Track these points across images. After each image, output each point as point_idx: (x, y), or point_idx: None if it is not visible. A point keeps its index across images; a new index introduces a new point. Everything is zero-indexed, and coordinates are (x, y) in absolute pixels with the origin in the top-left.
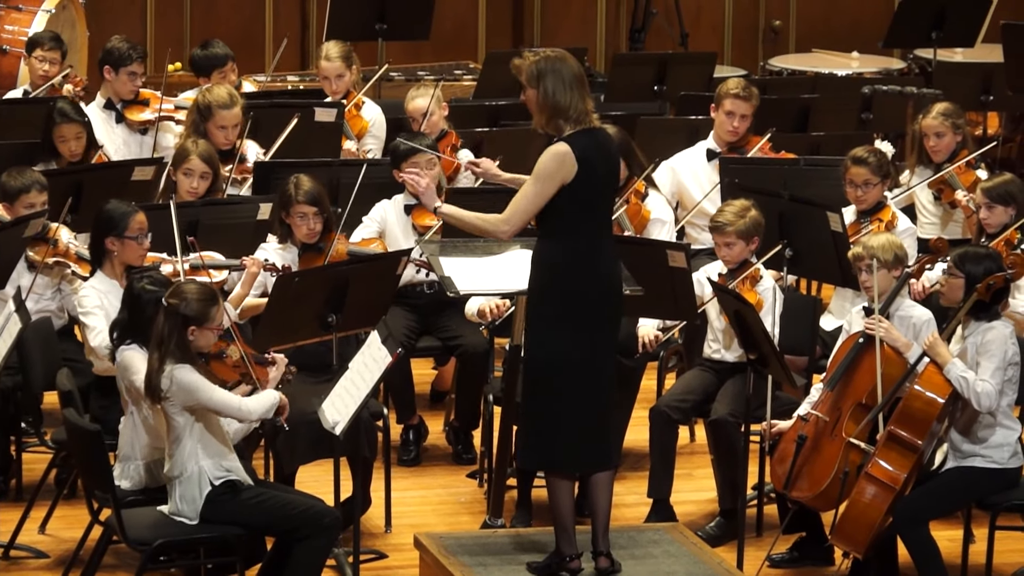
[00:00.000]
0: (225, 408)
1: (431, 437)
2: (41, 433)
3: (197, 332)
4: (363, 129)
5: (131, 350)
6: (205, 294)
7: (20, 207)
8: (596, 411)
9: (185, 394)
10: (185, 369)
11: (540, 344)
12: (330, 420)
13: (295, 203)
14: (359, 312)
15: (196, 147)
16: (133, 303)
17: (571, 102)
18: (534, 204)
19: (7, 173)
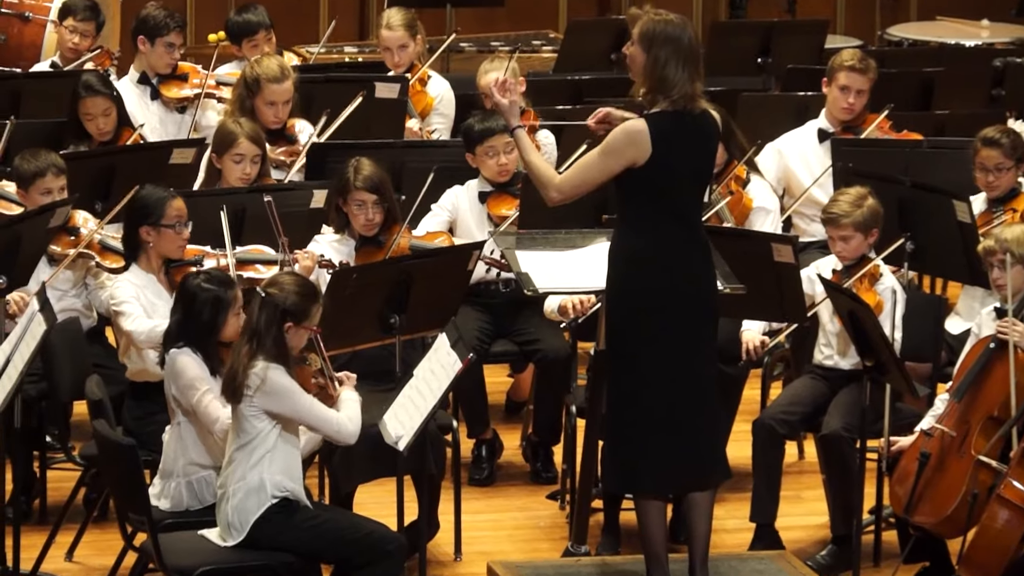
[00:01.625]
0: (321, 424)
1: (506, 453)
2: (68, 448)
3: (292, 330)
4: (428, 106)
5: (183, 354)
6: (306, 289)
7: (35, 193)
8: (691, 424)
9: (276, 399)
10: (280, 370)
11: (623, 349)
12: (393, 434)
13: (353, 189)
14: (425, 313)
15: (243, 128)
16: (187, 303)
17: (678, 80)
18: (593, 177)
19: (20, 155)
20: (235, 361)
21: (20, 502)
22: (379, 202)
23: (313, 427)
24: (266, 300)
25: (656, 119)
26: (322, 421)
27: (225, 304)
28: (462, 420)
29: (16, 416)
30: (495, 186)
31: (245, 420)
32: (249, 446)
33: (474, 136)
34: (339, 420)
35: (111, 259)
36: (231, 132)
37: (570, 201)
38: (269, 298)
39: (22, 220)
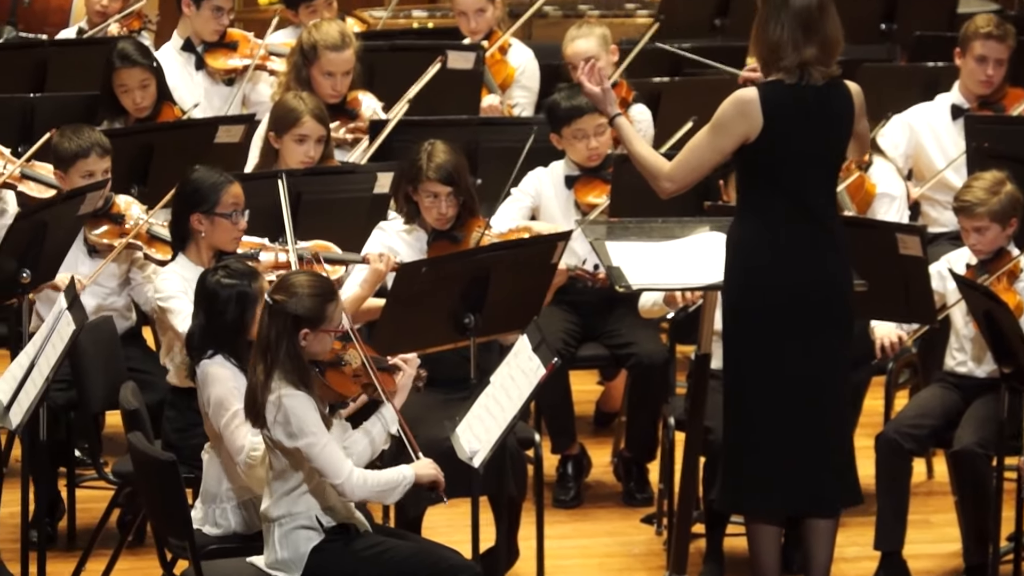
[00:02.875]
0: (329, 470)
1: (595, 471)
2: (100, 464)
3: (311, 336)
4: (509, 78)
5: (214, 364)
6: (319, 288)
7: (76, 175)
8: (814, 440)
9: (290, 433)
10: (299, 399)
11: (737, 354)
12: (467, 449)
13: (425, 179)
14: (504, 312)
15: (307, 105)
16: (208, 303)
17: (783, 46)
18: (706, 158)
19: (60, 133)
20: (252, 379)
21: (45, 524)
22: (454, 194)
23: (320, 470)
24: (274, 309)
25: (768, 89)
26: (330, 468)
27: (251, 299)
28: (545, 433)
29: (41, 428)
30: (583, 170)
31: (274, 448)
32: (285, 476)
33: (560, 115)
34: (351, 474)
35: (160, 249)
36: (294, 109)
37: (685, 190)
38: (277, 306)
39: (48, 206)
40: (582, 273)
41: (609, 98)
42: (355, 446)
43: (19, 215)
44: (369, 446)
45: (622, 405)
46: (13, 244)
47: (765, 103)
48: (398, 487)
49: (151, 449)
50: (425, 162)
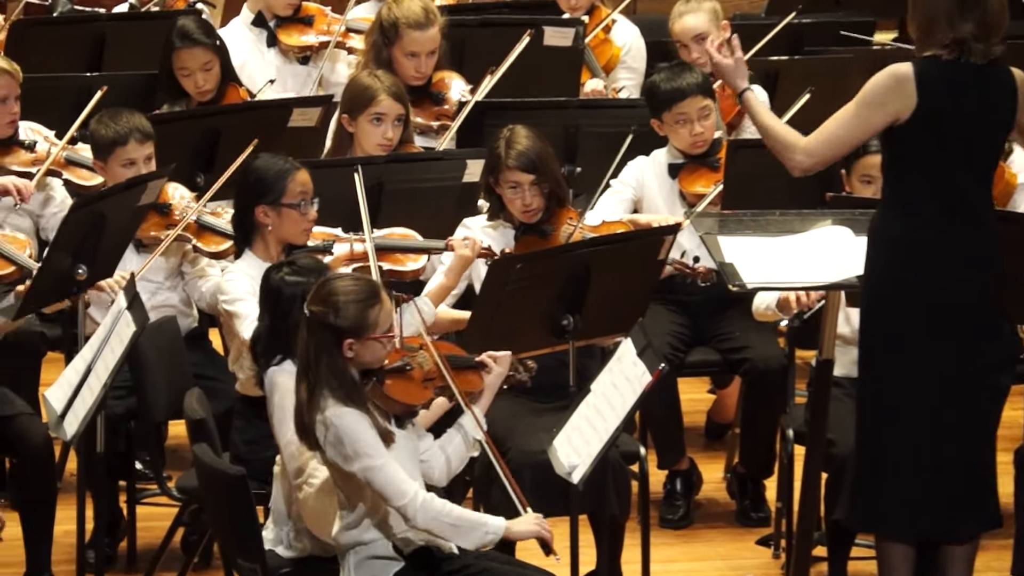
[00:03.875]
0: (390, 493)
1: (706, 488)
2: (163, 478)
3: (358, 346)
4: (614, 58)
5: (282, 372)
6: (360, 292)
7: (115, 164)
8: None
9: (344, 454)
10: (349, 417)
11: (876, 360)
12: (565, 464)
13: (505, 168)
14: (605, 313)
15: (382, 83)
16: (273, 303)
17: (938, 19)
18: (850, 134)
19: (97, 119)
20: (298, 399)
21: (104, 544)
22: (538, 183)
23: (380, 492)
24: (311, 321)
25: (924, 65)
26: (391, 489)
27: None
28: (651, 447)
29: (99, 439)
30: (688, 158)
31: (333, 472)
32: (351, 499)
33: (660, 98)
34: (416, 496)
35: (211, 241)
36: (368, 87)
37: (822, 167)
38: (315, 318)
39: (105, 197)
40: (681, 267)
41: (740, 71)
42: (434, 460)
43: (74, 205)
44: (447, 461)
45: (736, 415)
46: (68, 238)
47: (920, 79)
48: (476, 532)
49: (218, 462)
50: (504, 149)
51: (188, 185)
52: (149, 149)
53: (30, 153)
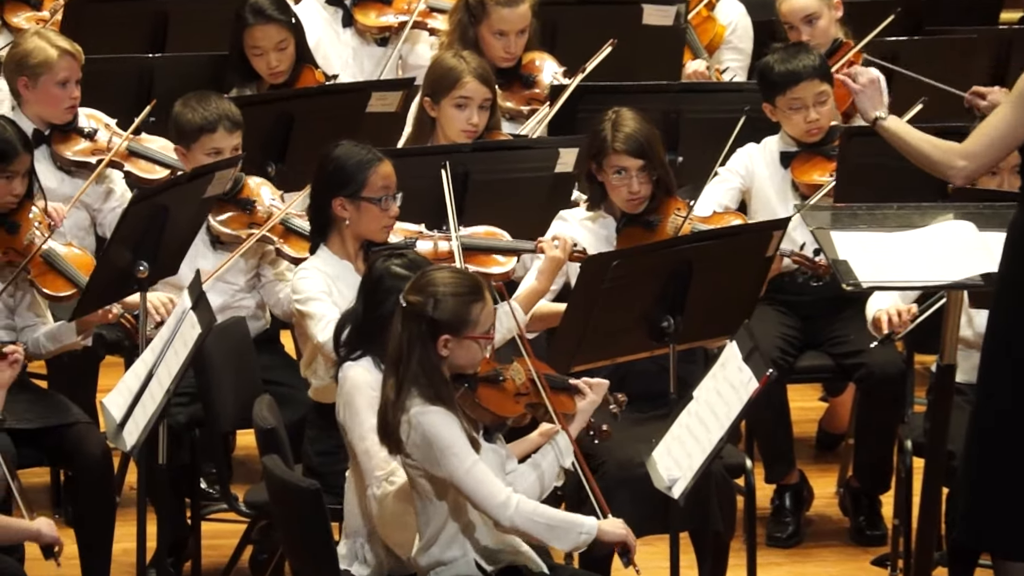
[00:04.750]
0: (481, 495)
1: (817, 504)
2: (230, 493)
3: (454, 344)
4: (717, 37)
5: (358, 367)
6: (463, 286)
7: (200, 153)
8: None
9: (430, 455)
10: (436, 415)
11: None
12: (665, 477)
13: (611, 152)
14: (709, 314)
15: (468, 64)
16: (371, 291)
17: None
18: (1011, 136)
19: (182, 102)
20: (384, 398)
21: (167, 563)
22: (645, 169)
23: (469, 497)
24: (408, 311)
25: None
26: (482, 492)
27: None
28: (758, 459)
29: (161, 450)
30: (802, 146)
31: (415, 479)
32: (429, 513)
33: (774, 82)
34: (509, 499)
35: (297, 245)
36: (452, 69)
37: (985, 172)
38: (412, 308)
39: (168, 188)
40: (800, 259)
41: (873, 99)
42: (520, 481)
43: (135, 198)
44: (538, 482)
45: (849, 425)
46: (128, 232)
47: None
48: (571, 533)
49: (290, 475)
50: (610, 132)
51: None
52: (237, 139)
53: (89, 142)
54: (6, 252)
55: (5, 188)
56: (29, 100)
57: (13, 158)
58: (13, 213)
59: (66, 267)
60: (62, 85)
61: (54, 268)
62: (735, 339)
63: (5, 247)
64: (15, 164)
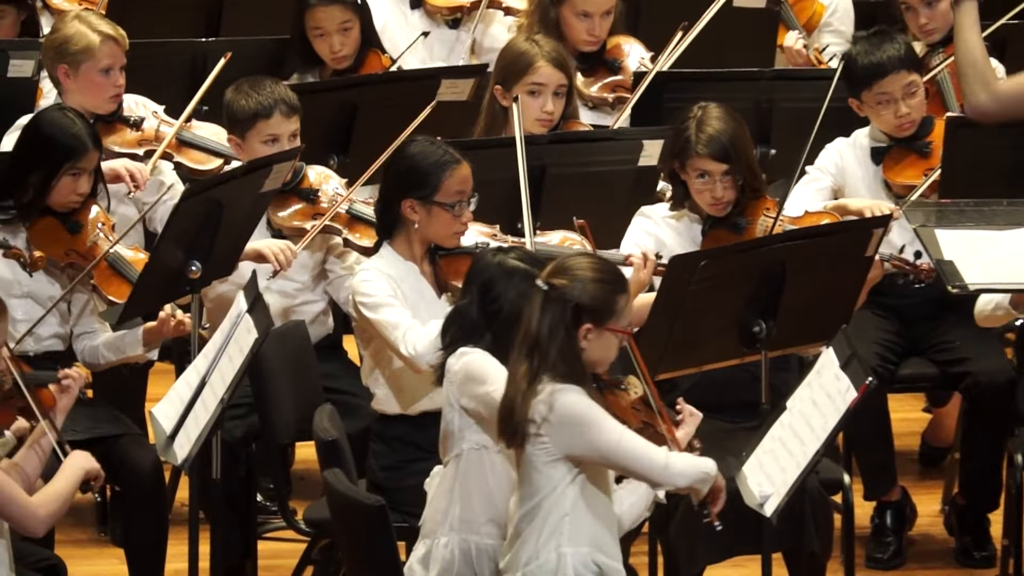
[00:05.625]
0: (640, 463)
1: (921, 523)
2: (289, 510)
3: (594, 334)
4: (815, 17)
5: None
6: (609, 274)
7: (256, 141)
8: None
9: (571, 432)
10: (574, 392)
11: None
12: (756, 493)
13: (693, 154)
14: (803, 319)
15: (540, 48)
16: (486, 288)
17: None
18: None
19: (234, 88)
20: (511, 387)
21: None
22: (731, 173)
23: (627, 468)
24: (550, 295)
25: None
26: (641, 459)
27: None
28: (856, 474)
29: (215, 464)
30: (893, 141)
31: (533, 470)
32: (541, 509)
33: (859, 75)
34: (668, 457)
35: (365, 233)
36: (524, 53)
37: (1001, 120)
38: (555, 291)
39: (223, 183)
40: (900, 264)
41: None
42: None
43: (187, 192)
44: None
45: (955, 438)
46: (179, 229)
47: None
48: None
49: (354, 491)
50: (694, 132)
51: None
52: (295, 124)
53: (135, 132)
54: (68, 253)
55: (71, 187)
56: (71, 89)
57: (82, 155)
58: (75, 213)
59: (132, 272)
60: (105, 72)
61: (119, 273)
62: (832, 345)
63: (67, 248)
64: (84, 161)
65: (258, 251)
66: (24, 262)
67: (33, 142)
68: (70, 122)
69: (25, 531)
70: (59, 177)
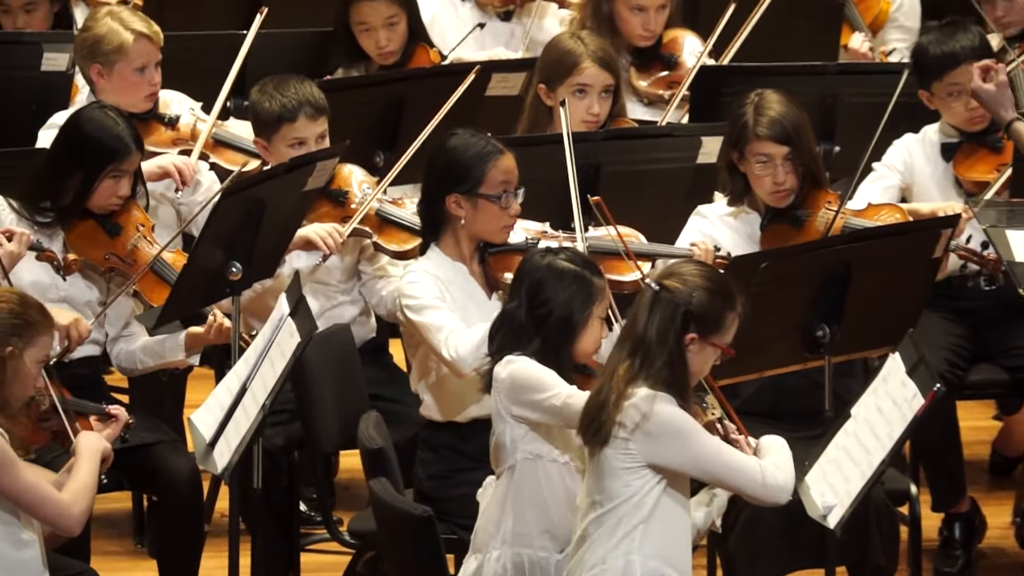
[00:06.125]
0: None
1: (991, 535)
2: (333, 521)
3: (696, 345)
4: (882, 15)
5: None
6: (720, 284)
7: (281, 144)
8: None
9: (667, 444)
10: (671, 401)
11: None
12: (819, 504)
13: (753, 139)
14: (868, 323)
15: (586, 46)
16: (536, 290)
17: None
18: None
19: (258, 89)
20: (605, 384)
21: None
22: (792, 157)
23: (724, 480)
24: (661, 297)
25: None
26: (739, 472)
27: (588, 296)
28: (924, 484)
29: (256, 474)
30: (965, 135)
31: (612, 475)
32: (614, 514)
33: (930, 66)
34: (764, 468)
35: (393, 237)
36: (569, 52)
37: None
38: (668, 293)
39: (264, 180)
40: (966, 254)
41: (1005, 98)
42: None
43: (226, 191)
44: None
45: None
46: (218, 230)
47: None
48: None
49: (400, 501)
50: (752, 116)
51: (366, 165)
52: (322, 126)
53: (171, 130)
54: (107, 257)
55: (111, 189)
56: (105, 88)
57: (125, 157)
58: (115, 215)
59: (174, 276)
60: (140, 71)
61: (161, 277)
62: (898, 350)
63: (106, 251)
64: (126, 163)
65: (305, 238)
66: (57, 265)
67: (73, 143)
68: (112, 122)
69: (61, 531)
70: (100, 180)
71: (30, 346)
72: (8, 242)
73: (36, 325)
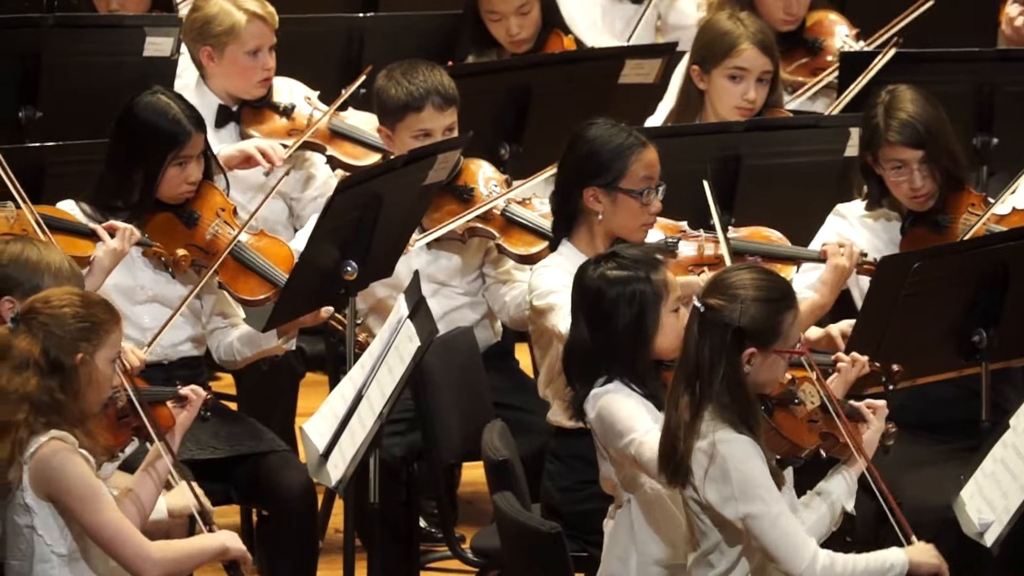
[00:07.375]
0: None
1: None
2: (455, 537)
3: (759, 357)
4: None
5: (607, 394)
6: (772, 290)
7: (406, 134)
8: None
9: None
10: (742, 446)
11: None
12: (975, 520)
13: (884, 142)
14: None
15: (746, 28)
16: (591, 306)
17: None
18: None
19: (385, 74)
20: (671, 418)
21: None
22: (928, 161)
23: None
24: (708, 317)
25: None
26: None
27: (651, 297)
28: None
29: (372, 487)
30: None
31: (696, 517)
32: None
33: None
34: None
35: (519, 240)
36: (728, 33)
37: None
38: (713, 313)
39: (382, 174)
40: None
41: None
42: (808, 515)
43: (342, 185)
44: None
45: None
46: (333, 226)
47: None
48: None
49: (527, 516)
50: (882, 119)
51: (491, 159)
52: (451, 118)
53: (285, 120)
54: (188, 249)
55: (179, 176)
56: (215, 73)
57: (184, 141)
58: (190, 202)
59: (260, 263)
60: (252, 55)
61: (246, 266)
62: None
63: (186, 243)
64: (187, 148)
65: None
66: (167, 263)
67: (129, 135)
68: (165, 105)
69: (135, 573)
70: (165, 169)
71: (100, 347)
72: (111, 239)
73: (103, 324)
